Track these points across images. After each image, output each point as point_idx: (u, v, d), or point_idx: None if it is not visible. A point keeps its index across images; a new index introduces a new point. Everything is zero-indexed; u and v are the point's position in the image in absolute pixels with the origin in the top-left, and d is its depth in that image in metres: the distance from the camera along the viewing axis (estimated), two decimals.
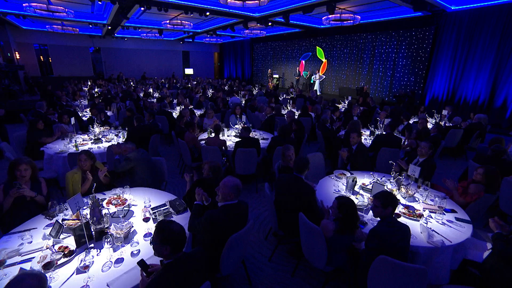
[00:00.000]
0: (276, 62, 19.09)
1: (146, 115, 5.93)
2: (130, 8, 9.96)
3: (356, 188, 3.20)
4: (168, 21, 11.80)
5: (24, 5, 8.59)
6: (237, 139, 4.82)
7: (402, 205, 2.82)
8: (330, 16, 9.15)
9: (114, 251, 2.07)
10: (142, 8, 9.78)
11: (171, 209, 2.66)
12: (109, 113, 7.38)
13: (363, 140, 4.75)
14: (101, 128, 5.40)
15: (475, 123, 6.28)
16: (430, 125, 6.51)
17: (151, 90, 12.19)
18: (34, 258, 1.98)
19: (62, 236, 2.24)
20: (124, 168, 3.44)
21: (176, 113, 7.43)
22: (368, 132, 5.80)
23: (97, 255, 2.05)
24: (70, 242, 2.14)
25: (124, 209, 2.63)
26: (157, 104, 8.40)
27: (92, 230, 2.20)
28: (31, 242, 2.17)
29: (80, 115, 6.97)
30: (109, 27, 14.79)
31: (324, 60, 15.47)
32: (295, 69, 17.03)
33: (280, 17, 10.97)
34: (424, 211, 2.75)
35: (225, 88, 13.77)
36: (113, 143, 4.57)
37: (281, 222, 2.91)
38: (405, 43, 11.54)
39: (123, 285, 1.77)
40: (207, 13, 10.53)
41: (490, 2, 8.74)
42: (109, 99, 8.72)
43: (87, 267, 1.88)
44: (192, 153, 4.81)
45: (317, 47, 15.67)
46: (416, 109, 8.13)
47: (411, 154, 4.15)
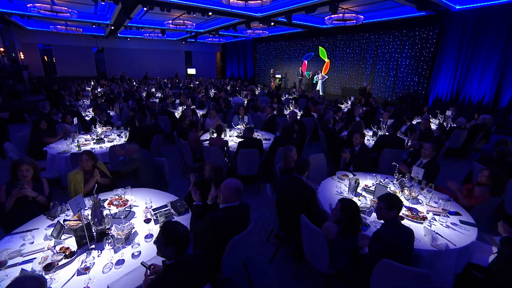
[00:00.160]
0: (279, 62, 19.05)
1: (148, 115, 5.93)
2: (133, 8, 10.00)
3: (359, 190, 3.16)
4: (171, 21, 11.82)
5: (28, 6, 8.66)
6: (239, 140, 4.81)
7: (406, 207, 2.78)
8: (333, 16, 9.11)
9: (115, 252, 2.07)
10: (145, 8, 9.84)
11: (173, 210, 2.65)
12: (112, 113, 7.41)
13: (366, 141, 4.71)
14: (104, 128, 5.42)
15: (480, 124, 6.19)
16: (434, 126, 6.44)
17: (154, 90, 12.21)
18: (36, 259, 1.98)
19: (64, 237, 2.24)
20: (129, 169, 3.45)
21: (179, 113, 7.43)
22: (371, 133, 5.75)
23: (98, 256, 2.04)
24: (71, 243, 2.14)
25: (126, 210, 2.63)
26: (159, 104, 8.39)
27: (93, 231, 2.20)
28: (33, 243, 2.18)
29: (83, 115, 7.00)
30: (112, 27, 14.88)
31: (327, 60, 15.41)
32: (298, 69, 16.96)
33: (283, 17, 10.95)
34: (428, 214, 2.71)
35: (227, 88, 13.77)
36: (116, 144, 4.58)
37: (282, 223, 2.89)
38: (409, 43, 11.44)
39: (124, 287, 1.77)
40: (210, 13, 10.54)
41: (496, 2, 8.65)
42: (112, 99, 8.75)
43: (88, 268, 1.87)
44: (194, 154, 4.80)
45: (320, 47, 15.61)
46: (420, 110, 8.05)
47: (415, 155, 4.10)
